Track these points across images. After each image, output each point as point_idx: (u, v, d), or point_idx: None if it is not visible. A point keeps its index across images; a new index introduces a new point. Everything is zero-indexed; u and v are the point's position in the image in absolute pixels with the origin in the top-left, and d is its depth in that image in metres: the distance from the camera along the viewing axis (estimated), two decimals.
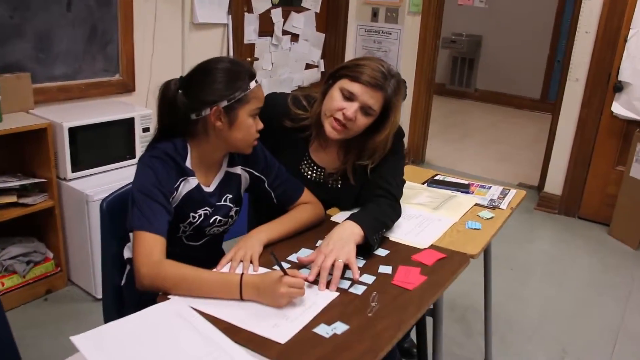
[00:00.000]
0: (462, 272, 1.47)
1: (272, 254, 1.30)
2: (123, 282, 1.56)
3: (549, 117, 4.69)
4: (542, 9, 6.92)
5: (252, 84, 1.40)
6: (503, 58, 7.37)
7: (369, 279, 1.37)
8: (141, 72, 3.02)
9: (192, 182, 1.44)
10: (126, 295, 1.56)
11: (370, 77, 1.57)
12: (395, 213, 1.66)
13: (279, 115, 1.73)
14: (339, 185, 1.79)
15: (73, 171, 2.51)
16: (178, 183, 1.41)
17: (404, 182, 1.78)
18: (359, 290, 1.32)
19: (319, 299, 1.27)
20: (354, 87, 1.58)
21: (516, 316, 2.73)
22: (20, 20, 2.49)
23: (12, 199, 2.41)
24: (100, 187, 2.46)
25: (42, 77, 2.64)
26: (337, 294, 1.30)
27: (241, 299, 1.23)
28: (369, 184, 1.71)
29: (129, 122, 2.68)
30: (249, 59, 3.70)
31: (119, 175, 2.58)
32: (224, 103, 1.38)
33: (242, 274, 1.25)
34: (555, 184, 4.09)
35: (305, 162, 1.78)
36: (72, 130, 2.45)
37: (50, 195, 2.52)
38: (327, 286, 1.32)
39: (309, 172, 1.78)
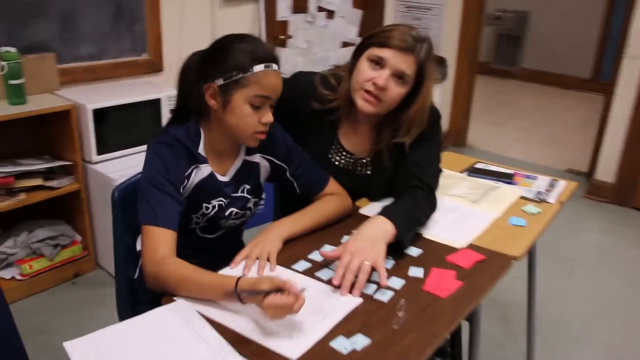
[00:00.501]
0: (503, 276, 1.31)
1: (240, 293, 1.08)
2: (136, 275, 1.48)
3: (600, 98, 4.40)
4: None
5: (258, 68, 1.24)
6: (551, 35, 6.99)
7: (397, 283, 1.23)
8: (169, 51, 2.92)
9: (204, 170, 1.33)
10: (139, 289, 1.47)
11: (400, 40, 1.42)
12: (430, 207, 1.52)
13: (305, 97, 1.59)
14: (369, 172, 1.65)
15: (98, 154, 2.45)
16: (189, 171, 1.30)
17: (440, 171, 1.63)
18: (385, 296, 1.18)
19: (339, 305, 1.14)
20: (384, 52, 1.43)
21: (562, 314, 2.55)
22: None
23: (38, 182, 2.36)
24: (125, 171, 2.39)
25: (67, 58, 2.57)
26: (361, 300, 1.16)
27: (242, 303, 1.09)
28: (403, 172, 1.56)
29: (155, 103, 2.59)
30: (282, 36, 3.56)
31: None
32: (220, 81, 1.25)
33: (239, 277, 1.10)
34: (607, 170, 3.83)
35: (334, 147, 1.64)
36: (96, 112, 2.38)
37: (76, 178, 2.47)
38: (350, 290, 1.19)
39: (338, 158, 1.65)
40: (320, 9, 3.77)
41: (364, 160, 1.64)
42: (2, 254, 2.41)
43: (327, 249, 1.36)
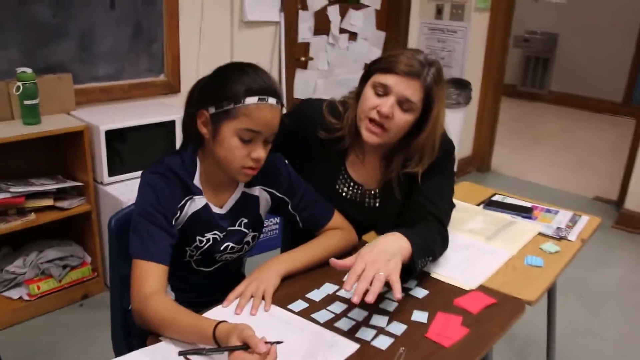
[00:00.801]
0: (514, 324, 1.22)
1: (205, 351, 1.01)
2: (130, 306, 1.43)
3: (632, 122, 4.25)
4: (627, 2, 6.35)
5: (250, 100, 1.19)
6: (582, 57, 6.84)
7: (398, 328, 1.15)
8: (187, 72, 2.91)
9: (198, 202, 1.28)
10: (130, 322, 1.42)
11: (404, 65, 1.36)
12: (443, 244, 1.43)
13: (312, 125, 1.54)
14: (377, 204, 1.58)
15: (110, 175, 2.43)
16: (183, 202, 1.25)
17: (453, 205, 1.55)
18: (384, 344, 1.10)
19: (333, 351, 1.06)
20: (388, 79, 1.38)
21: (585, 354, 2.41)
22: (62, 20, 2.43)
23: (49, 202, 2.36)
24: (136, 193, 2.36)
25: (84, 78, 2.57)
26: (357, 346, 1.09)
27: None
28: (414, 207, 1.48)
29: (170, 125, 2.57)
30: (303, 58, 3.54)
31: None
32: (212, 110, 1.21)
33: (218, 322, 1.02)
34: (637, 199, 3.67)
35: (342, 178, 1.58)
36: (109, 133, 2.37)
37: (87, 199, 2.45)
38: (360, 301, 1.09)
39: (345, 190, 1.58)
40: (343, 31, 3.73)
41: (373, 192, 1.57)
42: (12, 274, 2.40)
43: (328, 287, 1.30)
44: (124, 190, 2.41)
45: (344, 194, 1.58)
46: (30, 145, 2.28)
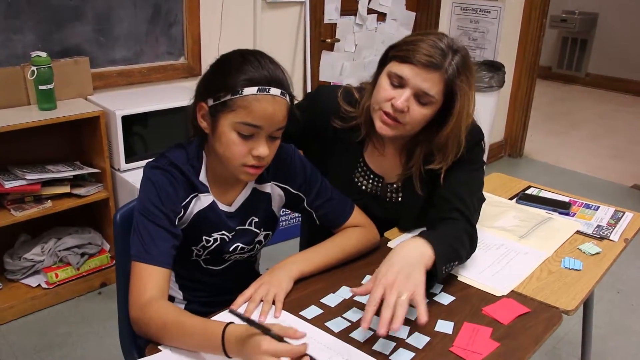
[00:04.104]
0: (549, 336, 1.10)
1: (231, 311, 0.96)
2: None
3: None
4: None
5: (248, 91, 1.07)
6: (622, 38, 6.52)
7: (420, 341, 1.05)
8: (208, 54, 2.81)
9: (204, 200, 1.18)
10: None
11: (423, 54, 1.22)
12: (471, 245, 1.30)
13: (327, 115, 1.43)
14: (400, 199, 1.47)
15: (127, 162, 2.36)
16: (188, 200, 1.16)
17: (482, 200, 1.42)
18: (404, 358, 1.00)
19: None
20: (403, 70, 1.25)
21: (621, 353, 2.28)
22: (79, 2, 2.35)
23: (65, 189, 2.31)
24: None
25: (102, 61, 2.50)
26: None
27: (227, 355, 0.93)
28: (439, 202, 1.37)
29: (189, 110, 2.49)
30: (329, 40, 3.41)
31: None
32: (210, 102, 1.10)
33: (228, 323, 0.95)
34: None
35: (360, 169, 1.47)
36: (125, 119, 2.30)
37: (104, 186, 2.40)
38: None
39: (364, 182, 1.47)
40: (371, 11, 3.59)
41: (395, 185, 1.46)
42: (30, 261, 2.37)
43: (344, 291, 1.20)
44: (141, 177, 2.34)
45: (363, 187, 1.48)
46: (46, 131, 2.22)
